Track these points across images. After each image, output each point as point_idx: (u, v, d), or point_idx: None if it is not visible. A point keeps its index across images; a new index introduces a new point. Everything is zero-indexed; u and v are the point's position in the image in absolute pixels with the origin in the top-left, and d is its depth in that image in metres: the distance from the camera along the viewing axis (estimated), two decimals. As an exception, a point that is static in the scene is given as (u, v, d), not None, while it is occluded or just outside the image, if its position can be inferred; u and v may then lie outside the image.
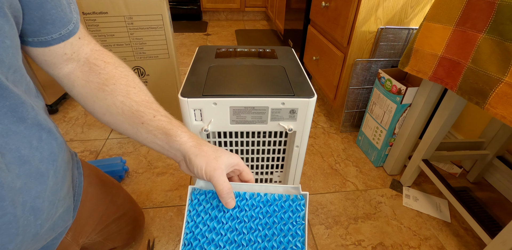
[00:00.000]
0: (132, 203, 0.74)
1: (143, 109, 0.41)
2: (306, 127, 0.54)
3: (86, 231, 0.56)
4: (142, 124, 0.41)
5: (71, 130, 1.29)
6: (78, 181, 0.54)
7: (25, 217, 0.35)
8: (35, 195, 0.36)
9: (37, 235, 0.38)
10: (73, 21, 0.39)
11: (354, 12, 1.01)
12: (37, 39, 0.37)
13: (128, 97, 0.41)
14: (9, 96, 0.31)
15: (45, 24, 0.36)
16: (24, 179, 0.34)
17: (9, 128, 0.32)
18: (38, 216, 0.37)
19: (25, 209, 0.35)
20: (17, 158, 0.33)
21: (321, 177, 1.08)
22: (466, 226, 0.90)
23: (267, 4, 2.86)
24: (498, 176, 1.04)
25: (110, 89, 0.41)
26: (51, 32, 0.37)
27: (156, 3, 0.98)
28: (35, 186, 0.36)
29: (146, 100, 0.42)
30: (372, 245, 0.83)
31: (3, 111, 0.31)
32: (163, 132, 0.40)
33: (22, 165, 0.34)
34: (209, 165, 0.37)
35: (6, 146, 0.32)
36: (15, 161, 0.33)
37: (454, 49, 0.69)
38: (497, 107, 0.59)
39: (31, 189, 0.35)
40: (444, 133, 0.87)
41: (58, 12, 0.36)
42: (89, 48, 0.43)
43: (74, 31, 0.40)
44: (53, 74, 0.42)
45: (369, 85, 1.17)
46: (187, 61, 2.05)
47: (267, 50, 0.72)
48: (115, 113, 0.41)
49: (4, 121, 0.31)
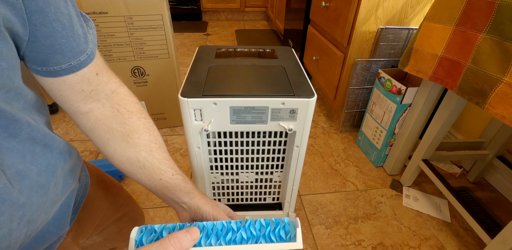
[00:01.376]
0: (133, 203, 0.74)
1: (164, 167, 0.44)
2: (306, 127, 0.54)
3: (86, 232, 0.56)
4: (160, 180, 0.44)
5: (71, 130, 1.29)
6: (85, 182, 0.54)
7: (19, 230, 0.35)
8: (35, 208, 0.36)
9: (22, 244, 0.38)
10: (86, 51, 0.38)
11: (354, 12, 1.01)
12: (45, 69, 0.36)
13: (151, 154, 0.43)
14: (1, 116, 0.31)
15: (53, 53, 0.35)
16: (27, 193, 0.34)
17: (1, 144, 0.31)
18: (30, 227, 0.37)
19: (21, 222, 0.34)
20: (15, 173, 0.33)
21: (321, 177, 1.08)
22: (466, 226, 0.90)
23: (267, 4, 2.86)
24: (498, 176, 1.04)
25: (134, 142, 0.43)
26: (60, 62, 0.36)
27: (156, 3, 0.98)
28: (37, 199, 0.36)
29: (166, 158, 0.45)
30: (372, 245, 0.83)
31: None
32: (179, 189, 0.45)
33: (22, 179, 0.34)
34: (215, 210, 0.44)
35: (2, 162, 0.31)
36: (14, 177, 0.33)
37: (454, 49, 0.69)
38: (497, 107, 0.59)
39: (33, 202, 0.35)
40: (444, 133, 0.87)
41: (70, 42, 0.35)
42: (109, 89, 0.43)
43: (87, 62, 0.38)
44: (71, 112, 0.41)
45: (369, 85, 1.17)
46: (187, 61, 2.05)
47: (267, 50, 0.72)
48: (135, 166, 0.43)
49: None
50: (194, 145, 0.56)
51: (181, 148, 1.19)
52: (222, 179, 0.67)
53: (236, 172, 0.65)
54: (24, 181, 0.34)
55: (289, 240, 0.29)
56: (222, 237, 0.29)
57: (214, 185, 0.68)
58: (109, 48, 1.02)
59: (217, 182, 0.68)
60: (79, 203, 0.52)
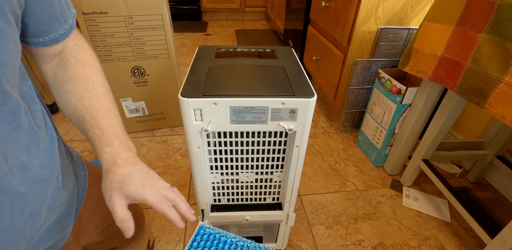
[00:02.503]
0: (133, 203, 0.74)
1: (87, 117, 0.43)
2: (306, 127, 0.54)
3: (87, 231, 0.56)
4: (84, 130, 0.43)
5: (71, 129, 1.29)
6: (83, 183, 0.54)
7: (23, 222, 0.35)
8: (36, 201, 0.36)
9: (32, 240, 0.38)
10: (71, 15, 0.42)
11: (354, 12, 1.01)
12: (48, 38, 0.39)
13: (80, 101, 0.43)
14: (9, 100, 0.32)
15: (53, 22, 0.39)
16: (28, 185, 0.34)
17: (9, 134, 0.32)
18: (35, 221, 0.37)
19: (24, 214, 0.35)
20: (18, 163, 0.33)
21: (321, 177, 1.08)
22: (466, 226, 0.90)
23: (267, 4, 2.86)
24: (498, 176, 1.04)
25: (69, 89, 0.43)
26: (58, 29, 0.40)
27: (156, 3, 0.98)
28: (38, 191, 0.36)
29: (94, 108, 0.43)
30: (372, 245, 0.83)
31: (3, 116, 0.31)
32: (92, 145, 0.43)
33: (25, 171, 0.34)
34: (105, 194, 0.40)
35: (7, 151, 0.32)
36: (17, 167, 0.33)
37: (454, 49, 0.69)
38: (497, 107, 0.59)
39: (34, 194, 0.36)
40: (444, 133, 0.87)
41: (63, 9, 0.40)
42: (73, 43, 0.45)
43: (74, 24, 0.43)
44: (41, 67, 0.45)
45: (369, 85, 1.17)
46: (187, 61, 2.05)
47: (267, 50, 0.71)
48: (69, 113, 0.44)
49: (6, 127, 0.32)
50: (194, 145, 0.56)
51: (181, 148, 1.19)
52: (222, 179, 0.67)
53: (236, 172, 0.65)
54: (27, 172, 0.34)
55: None
56: None
57: (214, 185, 0.68)
58: (109, 48, 1.02)
59: (217, 182, 0.68)
60: (79, 204, 0.52)
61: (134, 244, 0.80)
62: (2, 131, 0.31)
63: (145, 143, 1.21)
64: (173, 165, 1.10)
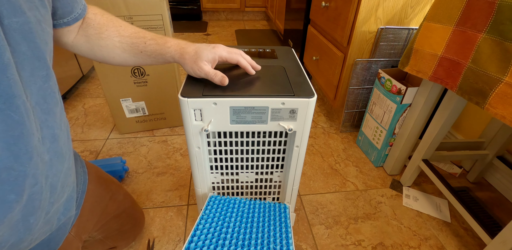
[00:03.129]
0: (132, 201, 0.75)
1: (135, 40, 0.50)
2: (306, 127, 0.54)
3: (88, 227, 0.57)
4: (141, 52, 0.51)
5: (71, 130, 1.29)
6: (83, 179, 0.55)
7: (46, 192, 0.38)
8: (54, 173, 0.39)
9: (48, 214, 0.40)
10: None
11: (354, 12, 1.01)
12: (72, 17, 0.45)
13: (120, 35, 0.50)
14: (52, 77, 0.37)
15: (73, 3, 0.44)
16: (51, 155, 0.38)
17: (51, 108, 0.37)
18: (52, 193, 0.40)
19: (47, 183, 0.38)
20: (50, 134, 0.37)
21: (321, 177, 1.08)
22: (466, 226, 0.90)
23: (267, 4, 2.86)
24: (498, 176, 1.04)
25: (105, 35, 0.50)
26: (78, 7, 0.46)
27: (156, 3, 0.98)
28: (58, 164, 0.40)
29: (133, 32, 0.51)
30: (372, 245, 0.83)
31: (48, 92, 0.36)
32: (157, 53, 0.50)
33: (54, 142, 0.38)
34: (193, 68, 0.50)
35: (46, 122, 0.36)
36: (49, 137, 0.37)
37: (454, 49, 0.69)
38: (497, 107, 0.59)
39: (54, 165, 0.39)
40: (444, 133, 0.87)
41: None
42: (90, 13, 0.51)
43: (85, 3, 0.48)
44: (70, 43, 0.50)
45: (369, 85, 1.17)
46: (187, 61, 2.05)
47: (267, 50, 0.71)
48: (120, 53, 0.51)
49: (50, 101, 0.37)
50: (194, 145, 0.56)
51: (181, 148, 1.19)
52: (222, 179, 0.67)
53: (236, 172, 0.65)
54: (54, 143, 0.39)
55: None
56: None
57: (214, 185, 0.68)
58: (109, 48, 1.02)
59: (217, 182, 0.68)
60: (81, 199, 0.53)
61: (134, 244, 0.80)
62: (46, 104, 0.36)
63: (145, 143, 1.21)
64: (173, 165, 1.10)
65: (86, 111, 1.43)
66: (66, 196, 0.45)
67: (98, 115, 1.40)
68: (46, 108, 0.36)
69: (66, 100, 1.52)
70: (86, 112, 1.42)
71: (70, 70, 1.53)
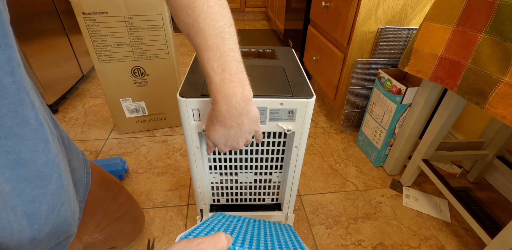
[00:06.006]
0: (133, 203, 0.74)
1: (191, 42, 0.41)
2: (305, 127, 0.54)
3: (89, 229, 0.56)
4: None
5: (71, 130, 1.29)
6: (86, 181, 0.54)
7: (19, 222, 0.34)
8: (28, 199, 0.35)
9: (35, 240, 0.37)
10: None
11: (354, 12, 1.01)
12: None
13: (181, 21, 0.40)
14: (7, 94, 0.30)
15: None
16: (14, 183, 0.33)
17: (10, 130, 0.31)
18: (33, 220, 0.36)
19: (17, 214, 0.34)
20: (12, 160, 0.32)
21: (321, 177, 1.08)
22: (466, 226, 0.90)
23: (267, 4, 2.86)
24: (498, 176, 1.03)
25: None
26: None
27: (156, 3, 0.98)
28: (30, 190, 0.35)
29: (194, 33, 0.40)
30: (372, 245, 0.83)
31: (3, 112, 0.30)
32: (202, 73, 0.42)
33: (17, 168, 0.33)
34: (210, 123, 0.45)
35: (1, 147, 0.31)
36: (8, 164, 0.32)
37: (454, 49, 0.69)
38: (497, 107, 0.59)
39: (23, 193, 0.34)
40: (444, 133, 0.87)
41: None
42: None
43: None
44: None
45: (369, 85, 1.17)
46: (187, 61, 2.05)
47: (267, 50, 0.71)
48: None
49: (6, 123, 0.31)
50: (193, 144, 0.56)
51: (181, 148, 1.19)
52: (221, 179, 0.67)
53: (235, 172, 0.65)
54: (19, 169, 0.33)
55: None
56: None
57: (213, 185, 0.68)
58: (109, 48, 1.02)
59: (216, 182, 0.68)
60: (82, 203, 0.53)
61: (134, 244, 0.80)
62: (0, 127, 0.30)
63: (145, 143, 1.21)
64: (173, 165, 1.10)
65: (86, 111, 1.44)
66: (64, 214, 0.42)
67: (98, 115, 1.40)
68: (1, 131, 0.30)
69: (66, 100, 1.52)
70: (86, 112, 1.42)
71: (70, 70, 1.53)
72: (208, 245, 0.28)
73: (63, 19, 1.48)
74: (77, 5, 0.91)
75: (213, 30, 0.39)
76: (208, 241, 0.29)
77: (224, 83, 0.40)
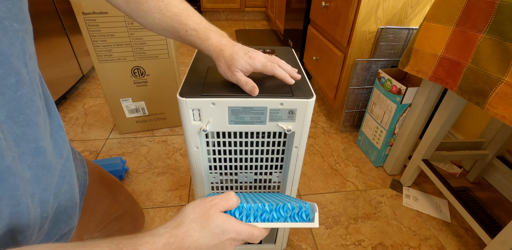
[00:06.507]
0: (133, 202, 0.74)
1: (176, 25, 0.47)
2: (305, 127, 0.54)
3: (89, 228, 0.57)
4: (181, 37, 0.49)
5: (71, 130, 1.29)
6: (84, 179, 0.55)
7: (34, 209, 0.35)
8: (44, 187, 0.36)
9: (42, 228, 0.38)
10: None
11: (354, 12, 1.01)
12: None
13: (161, 14, 0.47)
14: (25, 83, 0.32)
15: None
16: (35, 170, 0.35)
17: (30, 118, 0.33)
18: (44, 208, 0.37)
19: (34, 201, 0.35)
20: (33, 149, 0.34)
21: (321, 177, 1.08)
22: (466, 226, 0.90)
23: (267, 4, 2.86)
24: (498, 176, 1.03)
25: (145, 7, 0.46)
26: None
27: (156, 3, 0.98)
28: (46, 178, 0.37)
29: (175, 13, 0.47)
30: (372, 245, 0.83)
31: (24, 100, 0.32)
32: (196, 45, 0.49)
33: (37, 156, 0.35)
34: (226, 73, 0.50)
35: (23, 136, 0.32)
36: (30, 152, 0.34)
37: (454, 49, 0.69)
38: (497, 107, 0.59)
39: (41, 180, 0.36)
40: (444, 133, 0.87)
41: None
42: None
43: None
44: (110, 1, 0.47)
45: (369, 85, 1.17)
46: (187, 61, 2.05)
47: (267, 51, 0.71)
48: (160, 28, 0.48)
49: (27, 112, 0.32)
50: (193, 144, 0.56)
51: (181, 148, 1.19)
52: (221, 179, 0.67)
53: (235, 172, 0.65)
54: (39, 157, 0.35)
55: (309, 221, 0.38)
56: (259, 216, 0.37)
57: (213, 185, 0.68)
58: (109, 48, 1.02)
59: (216, 182, 0.68)
60: (81, 200, 0.53)
61: (134, 244, 0.80)
62: (23, 116, 0.32)
63: (145, 143, 1.21)
64: (173, 165, 1.10)
65: (86, 111, 1.44)
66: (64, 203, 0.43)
67: (98, 115, 1.40)
68: (23, 120, 0.32)
69: (66, 100, 1.52)
70: (86, 112, 1.42)
71: (70, 70, 1.53)
72: (220, 201, 0.34)
73: (63, 19, 1.48)
74: (77, 5, 0.91)
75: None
76: (220, 198, 0.34)
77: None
